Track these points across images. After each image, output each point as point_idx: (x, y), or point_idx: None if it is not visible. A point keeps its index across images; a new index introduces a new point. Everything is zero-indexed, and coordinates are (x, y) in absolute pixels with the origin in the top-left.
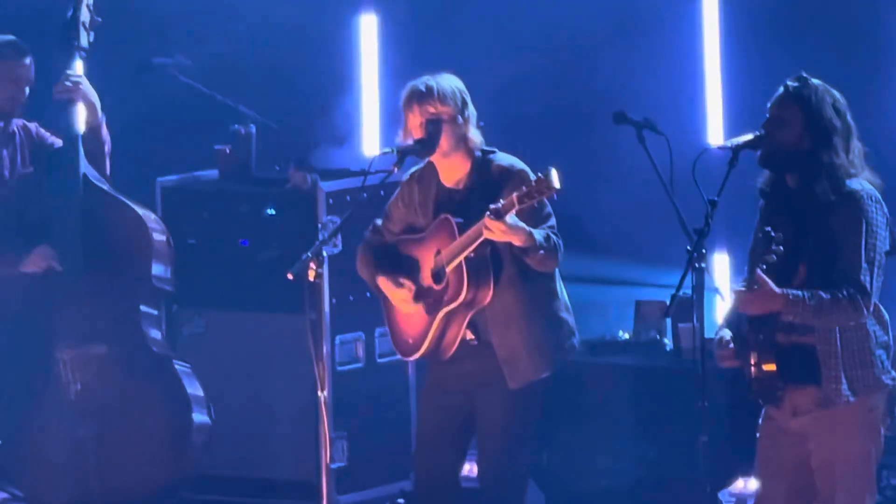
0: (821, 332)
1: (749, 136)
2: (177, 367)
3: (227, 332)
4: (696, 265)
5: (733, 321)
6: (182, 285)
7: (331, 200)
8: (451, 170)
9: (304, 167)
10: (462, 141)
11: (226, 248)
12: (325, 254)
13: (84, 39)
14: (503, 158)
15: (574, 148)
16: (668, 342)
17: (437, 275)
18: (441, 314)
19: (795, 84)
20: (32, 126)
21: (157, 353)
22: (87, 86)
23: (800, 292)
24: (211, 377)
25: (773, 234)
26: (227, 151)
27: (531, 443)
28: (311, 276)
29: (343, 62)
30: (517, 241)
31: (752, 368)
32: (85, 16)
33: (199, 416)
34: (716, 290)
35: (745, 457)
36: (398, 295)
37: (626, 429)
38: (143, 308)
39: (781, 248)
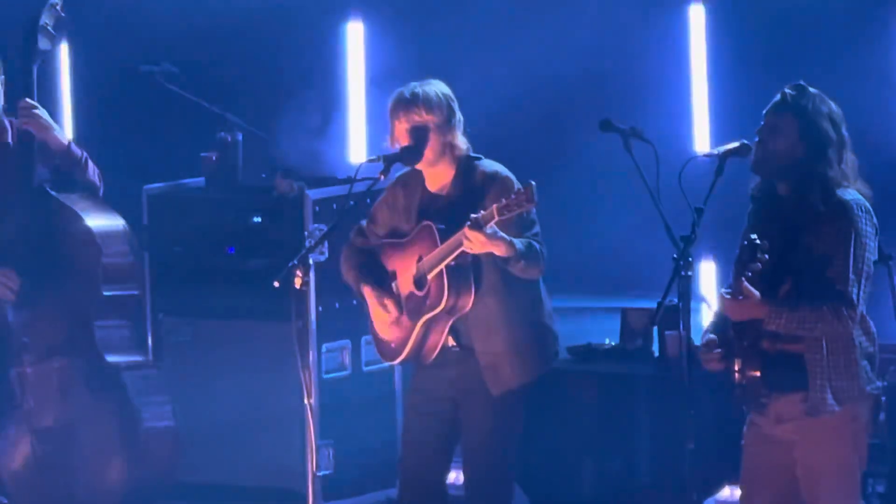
0: (808, 341)
1: (735, 144)
2: (126, 377)
3: (213, 340)
4: (683, 273)
5: (720, 324)
6: (168, 293)
7: (317, 208)
8: (437, 176)
9: (291, 175)
10: (448, 148)
11: (212, 255)
12: (311, 261)
13: (45, 43)
14: (488, 165)
15: (559, 155)
16: (654, 350)
17: (419, 281)
18: (422, 321)
19: (792, 92)
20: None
21: (108, 363)
22: (42, 113)
23: (784, 303)
24: (197, 385)
25: (757, 242)
26: (214, 159)
27: (515, 449)
28: (298, 283)
29: (330, 69)
30: (497, 252)
31: (737, 374)
32: (48, 18)
33: (153, 424)
34: (702, 298)
35: (731, 464)
36: (380, 315)
37: (613, 436)
38: (97, 320)
39: (766, 256)
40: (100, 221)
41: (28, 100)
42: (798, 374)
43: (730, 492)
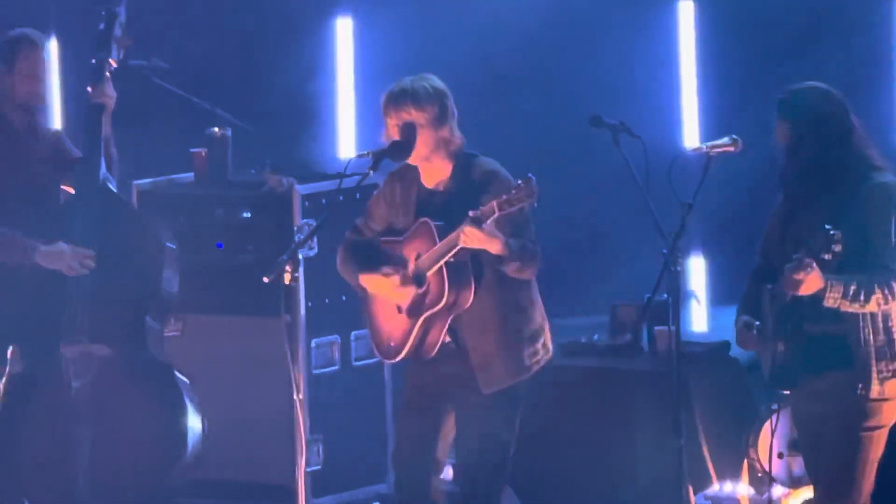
0: (850, 322)
1: (724, 140)
2: (177, 376)
3: (202, 336)
4: (672, 268)
5: (751, 308)
6: None
7: (306, 203)
8: (432, 172)
9: (280, 170)
10: (441, 144)
11: (201, 251)
12: (300, 257)
13: (115, 54)
14: (486, 162)
15: (549, 151)
16: (644, 345)
17: (418, 279)
18: (422, 318)
19: (780, 100)
20: (62, 136)
21: (159, 360)
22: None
23: (839, 279)
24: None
25: (832, 232)
26: (203, 154)
27: (509, 447)
28: (287, 279)
29: (319, 65)
30: (493, 250)
31: (779, 355)
32: (117, 31)
33: (194, 427)
34: (691, 294)
35: (721, 460)
36: (384, 285)
37: (602, 432)
38: (149, 317)
39: (840, 248)
40: (153, 219)
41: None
42: (842, 355)
43: (719, 487)
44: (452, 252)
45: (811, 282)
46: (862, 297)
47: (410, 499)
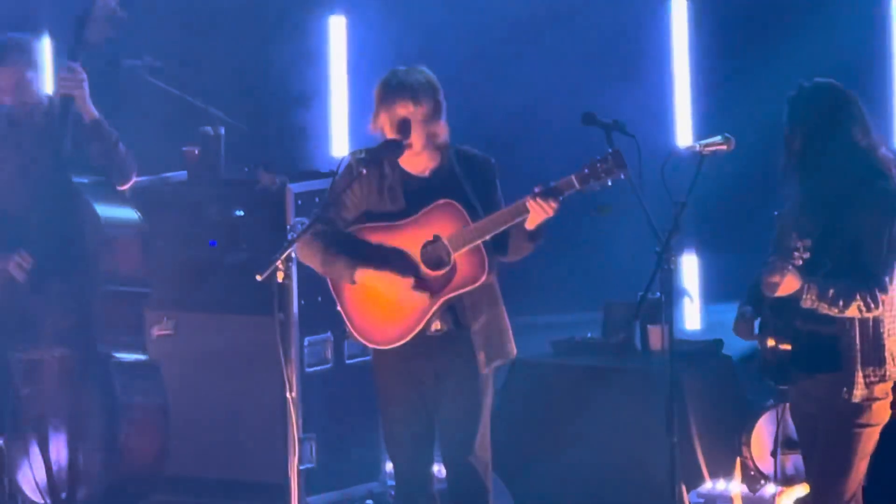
0: (840, 324)
1: (717, 138)
2: (115, 369)
3: (196, 334)
4: (665, 266)
5: (755, 299)
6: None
7: (299, 202)
8: (418, 162)
9: (273, 168)
10: (433, 138)
11: (194, 249)
12: (293, 255)
13: (95, 33)
14: (470, 149)
15: (543, 149)
16: (637, 343)
17: (438, 260)
18: (444, 299)
19: (790, 97)
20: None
21: (99, 354)
22: (86, 83)
23: (819, 281)
24: (179, 378)
25: (800, 240)
26: (196, 153)
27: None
28: (280, 277)
29: (312, 63)
30: (539, 222)
31: (769, 351)
32: (103, 9)
33: (145, 401)
34: (684, 292)
35: (714, 457)
36: (398, 283)
37: (595, 430)
38: (98, 314)
39: (808, 255)
40: (112, 213)
41: (74, 65)
42: (828, 356)
43: (712, 485)
44: (504, 227)
45: (787, 283)
46: (840, 303)
47: (413, 492)
